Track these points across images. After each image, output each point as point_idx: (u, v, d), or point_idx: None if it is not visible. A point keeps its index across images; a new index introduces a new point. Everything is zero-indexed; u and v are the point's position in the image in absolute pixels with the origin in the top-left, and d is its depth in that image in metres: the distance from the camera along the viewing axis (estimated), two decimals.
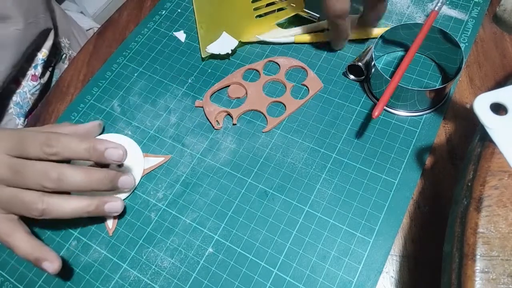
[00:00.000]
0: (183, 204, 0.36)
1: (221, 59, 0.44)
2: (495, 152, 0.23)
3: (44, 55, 0.50)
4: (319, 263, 0.32)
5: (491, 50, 0.40)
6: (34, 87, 0.50)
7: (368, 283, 0.31)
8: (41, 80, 0.51)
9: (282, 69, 0.42)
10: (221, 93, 0.42)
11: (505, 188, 0.22)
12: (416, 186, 0.34)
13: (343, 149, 0.37)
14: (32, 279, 0.34)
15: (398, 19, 0.44)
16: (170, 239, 0.34)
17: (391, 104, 0.38)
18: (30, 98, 0.50)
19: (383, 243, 0.32)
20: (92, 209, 0.33)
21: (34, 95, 0.50)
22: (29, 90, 0.49)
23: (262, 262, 0.33)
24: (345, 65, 0.41)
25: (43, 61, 0.50)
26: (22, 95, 0.48)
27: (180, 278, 0.33)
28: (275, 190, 0.36)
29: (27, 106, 0.50)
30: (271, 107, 0.40)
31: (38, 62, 0.50)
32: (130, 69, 0.45)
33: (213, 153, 0.38)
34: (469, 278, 0.20)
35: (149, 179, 0.38)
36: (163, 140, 0.40)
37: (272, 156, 0.37)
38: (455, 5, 0.44)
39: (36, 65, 0.50)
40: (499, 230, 0.21)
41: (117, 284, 0.33)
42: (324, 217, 0.34)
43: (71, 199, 0.32)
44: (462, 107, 0.38)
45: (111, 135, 0.40)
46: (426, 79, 0.40)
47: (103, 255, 0.34)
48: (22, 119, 0.50)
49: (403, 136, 0.37)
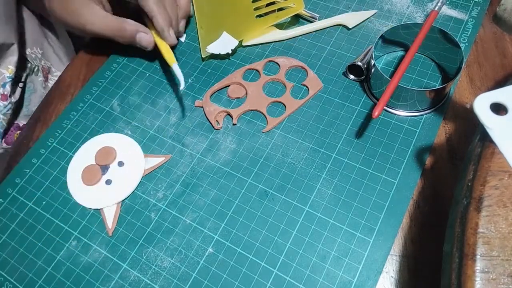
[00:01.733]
0: (183, 204, 0.36)
1: (221, 59, 0.44)
2: (495, 152, 0.23)
3: (11, 72, 0.48)
4: (319, 263, 0.32)
5: (491, 50, 0.41)
6: (5, 107, 0.47)
7: (368, 283, 0.31)
8: (12, 99, 0.48)
9: (282, 69, 0.42)
10: (221, 93, 0.42)
11: (505, 188, 0.22)
12: (416, 186, 0.34)
13: (343, 149, 0.37)
14: (32, 279, 0.34)
15: (398, 19, 0.44)
16: (170, 239, 0.34)
17: (391, 104, 0.38)
18: (2, 118, 0.48)
19: (383, 243, 0.32)
20: (128, 32, 0.40)
21: (7, 115, 0.48)
22: (0, 111, 0.47)
23: (262, 262, 0.33)
24: (345, 65, 0.41)
25: (10, 79, 0.48)
26: None
27: (180, 278, 0.33)
28: (275, 190, 0.36)
29: (1, 127, 0.48)
30: (271, 107, 0.40)
31: (5, 81, 0.47)
32: (130, 69, 0.45)
33: (213, 153, 0.38)
34: (469, 278, 0.20)
35: (149, 179, 0.38)
36: (163, 140, 0.40)
37: (272, 156, 0.37)
38: (455, 5, 0.44)
39: (4, 83, 0.47)
40: (499, 230, 0.21)
41: (117, 284, 0.33)
42: (324, 217, 0.34)
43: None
44: (462, 107, 0.38)
45: (111, 134, 0.40)
46: (426, 79, 0.40)
47: (103, 255, 0.34)
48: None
49: (403, 136, 0.37)
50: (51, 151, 0.40)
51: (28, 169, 0.39)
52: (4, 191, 0.38)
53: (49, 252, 0.35)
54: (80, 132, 0.41)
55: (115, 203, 0.36)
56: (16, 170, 0.39)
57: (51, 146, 0.40)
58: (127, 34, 0.41)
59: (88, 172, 0.38)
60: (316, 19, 0.45)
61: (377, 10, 0.45)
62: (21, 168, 0.39)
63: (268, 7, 0.44)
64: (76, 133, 0.41)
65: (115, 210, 0.36)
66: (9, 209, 0.37)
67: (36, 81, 0.52)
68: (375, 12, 0.45)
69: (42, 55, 0.55)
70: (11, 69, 0.48)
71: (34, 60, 0.53)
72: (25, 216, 0.37)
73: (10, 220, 0.37)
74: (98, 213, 0.36)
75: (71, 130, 0.41)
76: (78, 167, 0.38)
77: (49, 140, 0.41)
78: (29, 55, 0.52)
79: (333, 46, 0.43)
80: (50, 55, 0.56)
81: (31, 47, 0.53)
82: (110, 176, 0.38)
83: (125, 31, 0.41)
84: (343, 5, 0.46)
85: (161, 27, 0.40)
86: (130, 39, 0.41)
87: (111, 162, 0.38)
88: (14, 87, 0.49)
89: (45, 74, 0.54)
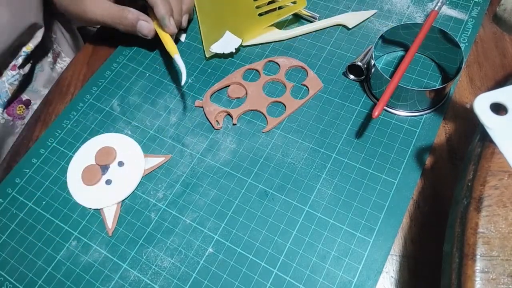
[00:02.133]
0: (183, 204, 0.36)
1: (225, 57, 0.44)
2: (495, 152, 0.23)
3: (29, 48, 0.49)
4: (319, 263, 0.32)
5: (491, 50, 0.41)
6: (13, 76, 0.48)
7: (368, 283, 0.31)
8: (21, 71, 0.49)
9: (282, 69, 0.42)
10: (221, 93, 0.42)
11: (505, 188, 0.22)
12: (416, 186, 0.34)
13: (343, 149, 0.37)
14: (32, 279, 0.34)
15: (398, 19, 0.44)
16: (170, 239, 0.34)
17: (391, 104, 0.38)
18: (8, 88, 0.48)
19: (383, 243, 0.32)
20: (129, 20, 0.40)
21: (13, 85, 0.49)
22: (7, 80, 0.48)
23: (262, 262, 0.33)
24: (345, 65, 0.41)
25: (25, 54, 0.49)
26: (1, 85, 0.47)
27: (180, 278, 0.33)
28: (275, 190, 0.36)
29: (5, 97, 0.48)
30: (271, 107, 0.40)
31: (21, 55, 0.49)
32: (130, 69, 0.45)
33: (213, 153, 0.38)
34: (469, 278, 0.20)
35: (149, 179, 0.38)
36: (163, 140, 0.40)
37: (272, 156, 0.37)
38: (455, 5, 0.44)
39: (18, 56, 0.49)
40: (499, 230, 0.21)
41: (117, 284, 0.33)
42: (324, 217, 0.34)
43: None
44: (462, 107, 0.38)
45: (111, 134, 0.40)
46: (426, 79, 0.40)
47: (103, 255, 0.34)
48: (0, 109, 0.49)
49: (403, 136, 0.37)
50: (51, 151, 0.40)
51: (28, 169, 0.39)
52: (4, 191, 0.38)
53: (49, 252, 0.35)
54: (80, 132, 0.41)
55: (115, 203, 0.36)
56: (16, 170, 0.39)
57: (51, 146, 0.40)
58: (128, 22, 0.41)
59: (88, 172, 0.38)
60: (316, 19, 0.45)
61: (377, 10, 0.45)
62: (21, 168, 0.39)
63: (270, 5, 0.44)
64: (76, 133, 0.41)
65: (115, 210, 0.36)
66: (9, 209, 0.37)
67: (45, 61, 0.54)
68: (375, 12, 0.45)
69: (55, 40, 0.56)
70: (30, 46, 0.49)
71: (49, 43, 0.55)
72: (25, 216, 0.37)
73: (10, 220, 0.37)
74: (98, 213, 0.36)
75: (71, 130, 0.41)
76: (78, 167, 0.38)
77: (49, 140, 0.41)
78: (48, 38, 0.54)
79: (333, 46, 0.43)
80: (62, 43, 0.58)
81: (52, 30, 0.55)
82: (110, 176, 0.38)
83: (126, 19, 0.41)
84: (343, 5, 0.46)
85: (161, 15, 0.40)
86: (131, 27, 0.42)
87: (111, 162, 0.38)
88: (25, 61, 0.50)
89: (55, 57, 0.55)
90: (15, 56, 0.48)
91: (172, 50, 0.40)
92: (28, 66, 0.51)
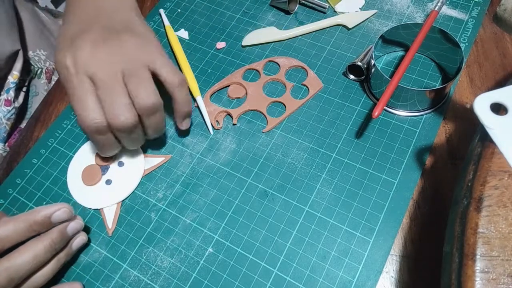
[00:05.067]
0: (183, 204, 0.36)
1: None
2: (495, 152, 0.23)
3: (15, 77, 0.47)
4: (319, 263, 0.32)
5: (491, 50, 0.40)
6: (8, 112, 0.47)
7: (368, 283, 0.31)
8: (15, 104, 0.48)
9: (282, 69, 0.42)
10: (221, 93, 0.42)
11: (505, 188, 0.22)
12: (416, 186, 0.34)
13: (343, 149, 0.37)
14: None
15: (398, 19, 0.44)
16: (170, 239, 0.34)
17: (391, 104, 0.38)
18: (6, 123, 0.48)
19: (383, 243, 0.32)
20: (58, 242, 0.31)
21: (11, 120, 0.48)
22: (4, 116, 0.47)
23: (262, 262, 0.33)
24: (345, 65, 0.41)
25: (14, 84, 0.47)
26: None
27: (180, 278, 0.33)
28: (275, 190, 0.36)
29: (4, 132, 0.48)
30: (271, 107, 0.40)
31: (9, 86, 0.47)
32: None
33: (213, 153, 0.38)
34: (469, 278, 0.20)
35: (149, 179, 0.38)
36: (163, 140, 0.40)
37: (272, 156, 0.37)
38: (455, 5, 0.44)
39: (8, 89, 0.47)
40: (499, 230, 0.21)
41: (117, 284, 0.33)
42: (324, 217, 0.34)
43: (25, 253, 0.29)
44: (462, 107, 0.38)
45: None
46: (426, 79, 0.40)
47: (103, 255, 0.34)
48: (1, 144, 0.48)
49: (403, 136, 0.37)
50: (51, 152, 0.40)
51: (28, 169, 0.39)
52: (4, 192, 0.38)
53: None
54: (80, 132, 0.41)
55: (115, 203, 0.36)
56: (16, 171, 0.39)
57: (51, 147, 0.40)
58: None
59: (88, 172, 0.38)
60: (326, 9, 0.45)
61: (377, 10, 0.45)
62: (22, 169, 0.39)
63: None
64: (76, 134, 0.41)
65: (115, 210, 0.36)
66: (10, 209, 0.37)
67: (38, 84, 0.52)
68: (375, 12, 0.45)
69: (47, 56, 0.54)
70: (16, 74, 0.48)
71: (38, 62, 0.53)
72: None
73: None
74: (98, 213, 0.36)
75: (71, 130, 0.41)
76: (78, 167, 0.38)
77: (49, 140, 0.41)
78: (32, 58, 0.52)
79: (333, 46, 0.43)
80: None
81: (33, 49, 0.52)
82: (110, 176, 0.38)
83: None
84: None
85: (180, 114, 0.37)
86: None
87: (111, 162, 0.38)
88: (17, 92, 0.49)
89: (49, 76, 0.53)
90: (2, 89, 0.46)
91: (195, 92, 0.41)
92: (21, 96, 0.49)
